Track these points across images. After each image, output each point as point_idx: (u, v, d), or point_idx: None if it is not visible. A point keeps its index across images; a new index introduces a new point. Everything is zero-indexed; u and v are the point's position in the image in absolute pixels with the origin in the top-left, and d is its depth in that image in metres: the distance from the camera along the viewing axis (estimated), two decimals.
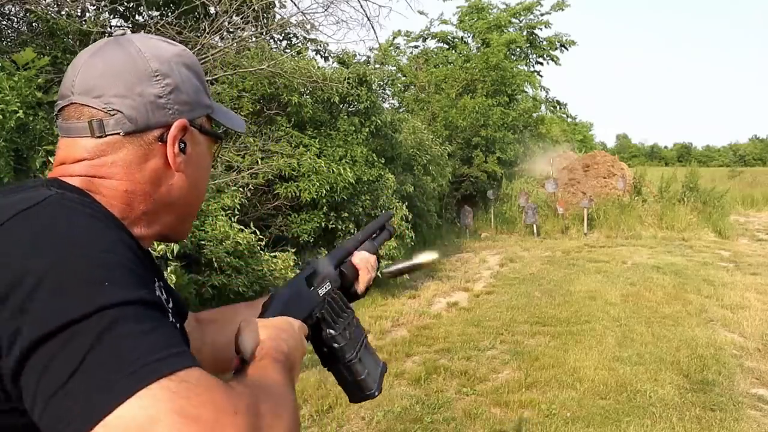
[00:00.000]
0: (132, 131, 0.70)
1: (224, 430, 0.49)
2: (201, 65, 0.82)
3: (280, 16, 6.49)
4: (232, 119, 0.86)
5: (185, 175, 0.76)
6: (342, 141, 6.95)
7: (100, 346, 0.50)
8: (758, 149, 77.54)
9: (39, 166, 3.17)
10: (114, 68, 0.71)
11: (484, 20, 17.51)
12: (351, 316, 0.93)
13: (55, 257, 0.55)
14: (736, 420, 3.56)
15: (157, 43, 0.76)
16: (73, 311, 0.51)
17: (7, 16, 5.07)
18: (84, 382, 0.48)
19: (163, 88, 0.72)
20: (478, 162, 12.55)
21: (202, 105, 0.78)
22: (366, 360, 0.92)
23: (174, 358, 0.52)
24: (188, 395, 0.49)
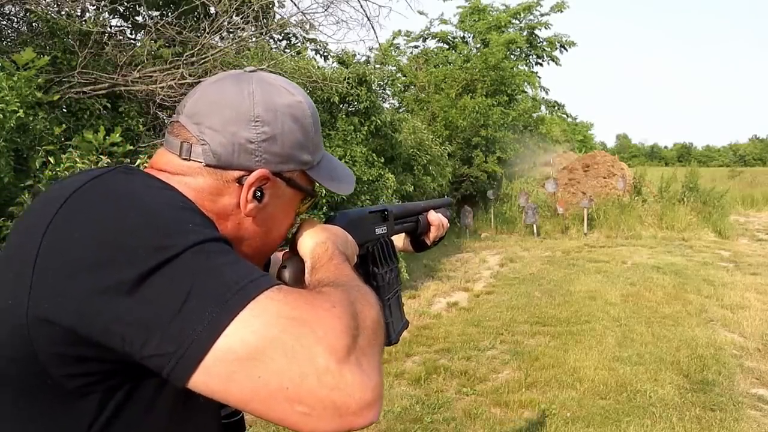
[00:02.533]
0: (213, 165, 0.72)
1: (326, 322, 0.55)
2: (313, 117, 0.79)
3: (280, 16, 6.49)
4: (335, 179, 0.84)
5: (255, 222, 0.76)
6: (341, 141, 6.95)
7: (204, 273, 0.56)
8: (758, 149, 77.55)
9: (39, 166, 3.17)
10: (221, 102, 0.73)
11: (484, 21, 17.52)
12: (394, 265, 0.97)
13: (141, 204, 0.61)
14: (736, 420, 3.56)
15: (277, 88, 0.76)
16: (172, 248, 0.56)
17: (7, 16, 5.07)
18: (198, 305, 0.53)
19: (257, 135, 0.73)
20: (478, 162, 12.55)
21: (297, 160, 0.77)
22: (394, 309, 0.96)
23: (264, 278, 0.59)
24: (288, 301, 0.56)
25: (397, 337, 0.96)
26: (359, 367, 0.55)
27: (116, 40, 5.02)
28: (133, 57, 4.70)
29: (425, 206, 1.26)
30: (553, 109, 20.28)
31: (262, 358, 0.52)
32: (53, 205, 0.60)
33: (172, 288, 0.54)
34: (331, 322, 0.55)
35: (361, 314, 0.60)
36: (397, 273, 0.99)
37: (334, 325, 0.55)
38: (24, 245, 0.59)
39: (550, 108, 20.10)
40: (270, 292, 0.56)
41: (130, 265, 0.54)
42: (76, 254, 0.56)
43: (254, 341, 0.52)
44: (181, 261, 0.56)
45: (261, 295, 0.55)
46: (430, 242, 1.28)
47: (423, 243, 1.27)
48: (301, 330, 0.54)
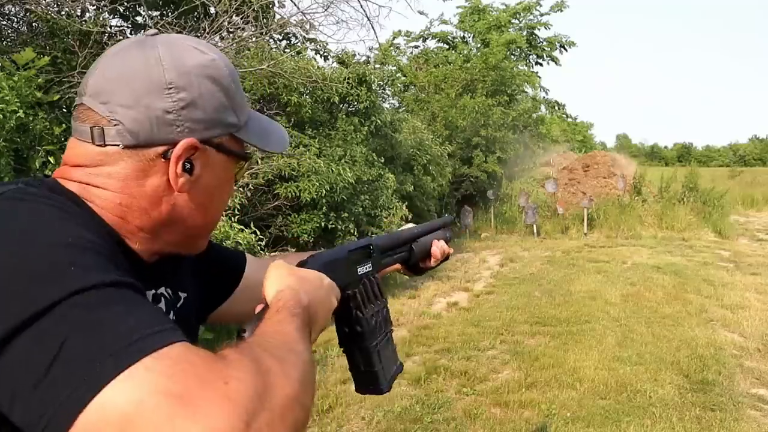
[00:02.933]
0: (132, 145, 0.66)
1: (213, 403, 0.46)
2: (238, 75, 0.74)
3: (280, 16, 6.49)
4: (266, 138, 0.78)
5: (189, 197, 0.70)
6: (341, 141, 6.95)
7: (76, 332, 0.48)
8: (758, 149, 77.54)
9: (39, 166, 3.17)
10: (127, 74, 0.66)
11: (484, 21, 17.53)
12: (382, 305, 0.91)
13: (16, 246, 0.52)
14: (736, 420, 3.56)
15: (186, 50, 0.69)
16: (44, 300, 0.48)
17: (7, 16, 5.06)
18: (64, 371, 0.46)
19: (174, 103, 0.66)
20: (478, 162, 12.55)
21: (223, 124, 0.71)
22: (384, 354, 0.89)
23: (155, 336, 0.49)
24: (172, 372, 0.47)
25: (389, 385, 0.89)
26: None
27: (116, 40, 5.01)
28: None
29: (420, 232, 1.18)
30: (553, 109, 20.29)
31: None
32: None
33: (38, 349, 0.47)
34: (220, 402, 0.46)
35: (270, 390, 0.50)
36: (386, 313, 0.92)
37: (222, 406, 0.45)
38: None
39: (550, 108, 20.12)
40: (152, 360, 0.47)
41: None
42: None
43: (120, 417, 0.44)
44: (52, 316, 0.48)
45: (139, 363, 0.46)
46: (426, 267, 1.21)
47: (420, 271, 1.20)
48: (178, 410, 0.44)
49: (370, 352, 0.85)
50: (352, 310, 0.85)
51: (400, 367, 0.94)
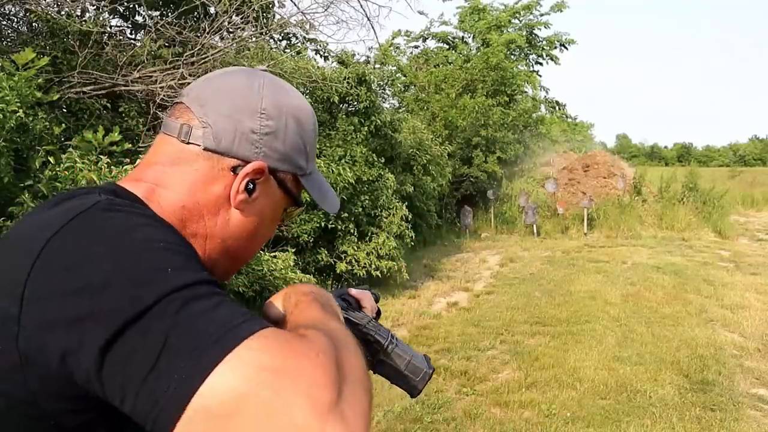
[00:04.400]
0: (212, 149, 0.70)
1: (309, 372, 0.51)
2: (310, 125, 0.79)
3: (280, 16, 6.49)
4: (323, 195, 0.83)
5: (243, 217, 0.74)
6: (341, 141, 6.96)
7: (179, 325, 0.52)
8: (758, 149, 77.52)
9: (39, 166, 3.17)
10: (230, 89, 0.72)
11: (483, 20, 17.54)
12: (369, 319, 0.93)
13: (116, 252, 0.57)
14: (736, 420, 3.56)
15: (286, 90, 0.76)
16: (146, 298, 0.53)
17: (7, 16, 5.07)
18: (171, 361, 0.50)
19: (261, 127, 0.72)
20: (478, 162, 12.55)
21: (293, 162, 0.76)
22: (404, 348, 0.91)
23: (247, 322, 0.54)
24: (270, 350, 0.51)
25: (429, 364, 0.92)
26: (343, 421, 0.50)
27: (116, 40, 5.02)
28: (133, 57, 4.70)
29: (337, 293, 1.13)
30: (553, 109, 20.29)
31: (239, 416, 0.48)
32: (32, 252, 0.57)
33: (145, 344, 0.51)
34: (314, 372, 0.51)
35: (346, 362, 0.55)
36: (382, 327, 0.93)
37: (317, 377, 0.50)
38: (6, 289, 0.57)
39: (550, 108, 20.12)
40: (250, 341, 0.52)
41: (102, 324, 0.52)
42: (54, 308, 0.54)
43: (230, 398, 0.49)
44: (154, 313, 0.52)
45: (239, 346, 0.51)
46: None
47: None
48: (282, 383, 0.49)
49: (393, 349, 0.89)
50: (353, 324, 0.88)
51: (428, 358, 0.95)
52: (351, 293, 1.07)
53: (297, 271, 5.07)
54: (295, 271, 5.02)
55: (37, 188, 3.01)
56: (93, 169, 3.10)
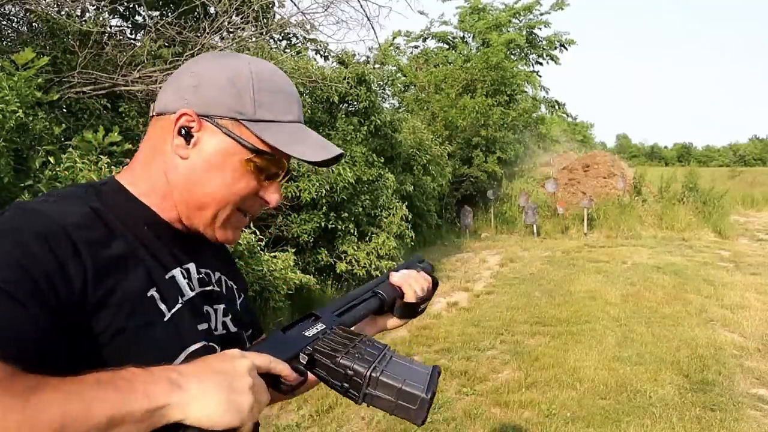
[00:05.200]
0: (159, 113, 0.82)
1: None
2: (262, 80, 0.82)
3: (280, 16, 6.49)
4: (296, 143, 0.82)
5: (188, 163, 0.81)
6: (341, 140, 6.95)
7: None
8: (758, 149, 77.52)
9: (39, 166, 3.17)
10: (183, 68, 0.85)
11: (483, 20, 17.54)
12: (359, 339, 0.83)
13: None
14: (736, 420, 3.56)
15: (234, 55, 0.85)
16: None
17: (7, 16, 5.06)
18: None
19: (189, 81, 0.81)
20: (478, 162, 12.55)
21: (225, 106, 0.80)
22: (396, 370, 0.79)
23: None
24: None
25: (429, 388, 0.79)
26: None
27: (116, 40, 5.01)
28: (133, 57, 4.69)
29: (378, 279, 1.08)
30: (553, 108, 20.29)
31: None
32: None
33: None
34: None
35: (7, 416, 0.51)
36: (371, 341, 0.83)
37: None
38: None
39: (550, 108, 20.12)
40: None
41: None
42: None
43: None
44: None
45: None
46: (412, 302, 1.07)
47: (409, 309, 1.07)
48: None
49: (376, 378, 0.77)
50: (325, 361, 0.78)
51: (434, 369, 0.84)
52: (392, 281, 1.06)
53: (297, 271, 5.07)
54: (294, 271, 5.01)
55: (37, 188, 3.01)
56: (93, 169, 3.10)
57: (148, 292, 0.75)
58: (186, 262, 0.84)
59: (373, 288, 1.04)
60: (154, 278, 0.77)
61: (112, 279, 0.71)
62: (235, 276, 0.99)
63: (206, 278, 0.87)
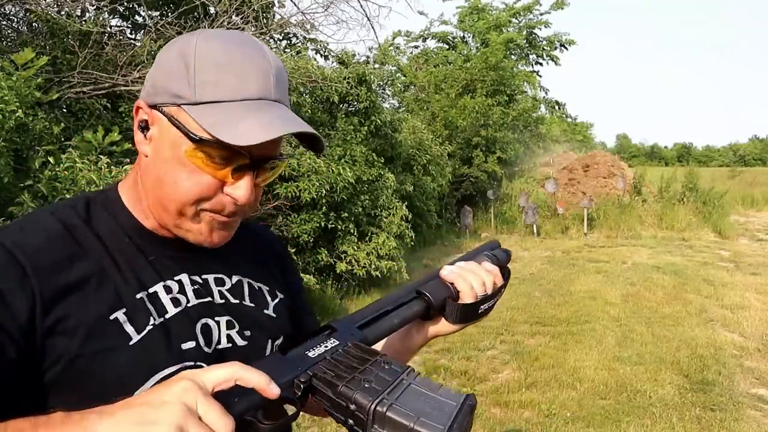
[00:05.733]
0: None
1: None
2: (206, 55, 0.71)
3: (280, 16, 6.49)
4: (227, 126, 0.68)
5: (148, 161, 0.74)
6: (341, 140, 6.95)
7: None
8: (758, 149, 77.54)
9: (39, 166, 3.17)
10: None
11: (483, 20, 17.54)
12: (373, 360, 0.69)
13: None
14: (736, 420, 3.56)
15: (191, 33, 0.75)
16: None
17: (7, 16, 5.06)
18: None
19: (151, 72, 0.75)
20: (478, 162, 12.55)
21: (168, 92, 0.71)
22: (411, 402, 0.64)
23: None
24: None
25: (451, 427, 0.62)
26: None
27: (116, 40, 5.01)
28: (133, 57, 4.69)
29: (426, 278, 0.89)
30: (553, 109, 20.29)
31: None
32: None
33: None
34: None
35: None
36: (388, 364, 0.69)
37: None
38: None
39: (550, 108, 20.12)
40: None
41: None
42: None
43: None
44: None
45: None
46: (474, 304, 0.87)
47: (467, 311, 0.87)
48: None
49: (383, 413, 0.62)
50: (325, 390, 0.65)
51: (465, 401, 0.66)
52: (442, 276, 0.87)
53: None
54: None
55: (37, 188, 3.01)
56: (93, 169, 3.10)
57: (111, 315, 0.69)
58: (176, 273, 0.77)
59: (417, 287, 0.87)
60: (123, 299, 0.71)
61: (67, 304, 0.67)
62: (269, 276, 0.90)
63: (203, 289, 0.78)
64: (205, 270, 0.81)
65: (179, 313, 0.75)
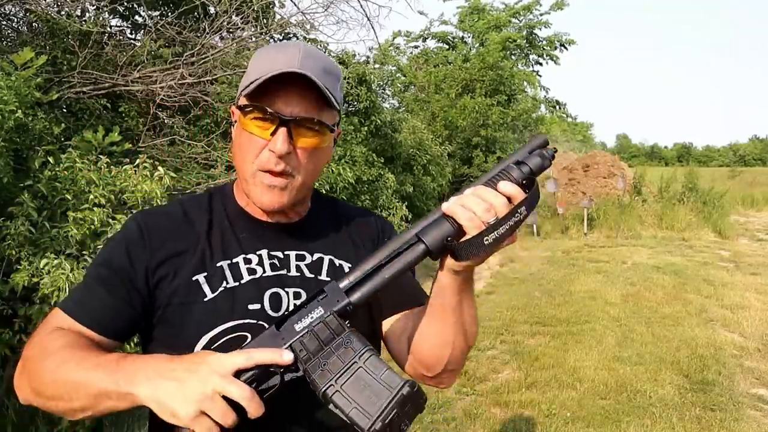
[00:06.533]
0: None
1: (32, 339, 0.88)
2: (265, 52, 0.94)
3: (280, 16, 6.48)
4: (246, 82, 0.92)
5: (233, 145, 0.96)
6: (341, 141, 6.95)
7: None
8: (758, 149, 77.53)
9: (38, 166, 3.16)
10: None
11: (483, 20, 17.54)
12: (340, 339, 0.74)
13: None
14: (736, 420, 3.56)
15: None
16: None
17: (7, 16, 5.06)
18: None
19: None
20: (478, 162, 12.55)
21: (242, 87, 0.92)
22: (353, 389, 0.71)
23: (65, 302, 0.91)
24: (37, 332, 0.89)
25: (381, 418, 0.70)
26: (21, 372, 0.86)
27: (116, 40, 5.01)
28: (133, 57, 4.69)
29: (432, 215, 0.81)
30: (553, 109, 20.29)
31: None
32: None
33: None
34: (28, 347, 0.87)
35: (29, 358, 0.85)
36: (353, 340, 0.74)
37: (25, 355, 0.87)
38: None
39: (551, 108, 20.12)
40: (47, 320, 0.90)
41: None
42: None
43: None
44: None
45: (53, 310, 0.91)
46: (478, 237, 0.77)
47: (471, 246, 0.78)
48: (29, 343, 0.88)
49: (330, 396, 0.71)
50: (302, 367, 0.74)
51: (400, 390, 0.73)
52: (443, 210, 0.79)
53: None
54: None
55: (37, 188, 3.01)
56: (93, 169, 3.10)
57: (194, 276, 0.91)
58: (258, 248, 0.96)
59: (417, 231, 0.81)
60: (206, 266, 0.92)
61: (170, 265, 0.91)
62: (357, 254, 1.01)
63: (280, 263, 0.96)
64: (288, 247, 0.98)
65: (251, 281, 0.92)
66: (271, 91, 0.88)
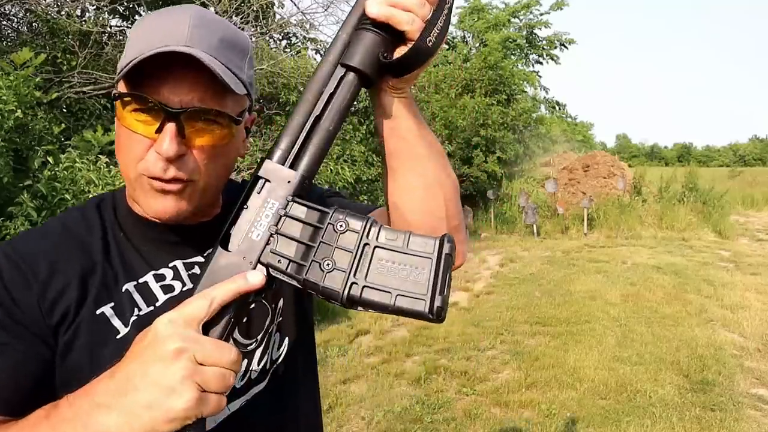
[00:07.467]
0: None
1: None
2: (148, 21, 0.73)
3: (280, 16, 6.48)
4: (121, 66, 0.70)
5: (115, 145, 0.76)
6: (340, 140, 6.96)
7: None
8: (758, 149, 77.55)
9: (38, 166, 3.17)
10: None
11: (483, 20, 17.55)
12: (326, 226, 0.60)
13: None
14: (736, 420, 3.56)
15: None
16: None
17: (7, 16, 5.06)
18: None
19: None
20: (478, 162, 12.54)
21: (119, 69, 0.71)
22: (383, 275, 0.58)
23: None
24: None
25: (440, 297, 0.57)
26: None
27: (116, 40, 5.01)
28: None
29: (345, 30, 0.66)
30: (553, 109, 20.31)
31: None
32: None
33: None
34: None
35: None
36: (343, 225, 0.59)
37: None
38: None
39: (550, 108, 20.13)
40: None
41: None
42: None
43: None
44: None
45: None
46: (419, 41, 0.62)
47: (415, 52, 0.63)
48: None
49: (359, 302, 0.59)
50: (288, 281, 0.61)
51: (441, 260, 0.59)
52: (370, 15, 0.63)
53: None
54: None
55: (37, 188, 3.01)
56: (92, 169, 3.10)
57: (98, 309, 0.71)
58: (168, 261, 0.77)
59: (339, 60, 0.65)
60: (111, 293, 0.73)
61: (66, 301, 0.70)
62: None
63: (200, 271, 0.72)
64: (205, 249, 0.78)
65: (170, 301, 0.75)
66: (155, 75, 0.67)
